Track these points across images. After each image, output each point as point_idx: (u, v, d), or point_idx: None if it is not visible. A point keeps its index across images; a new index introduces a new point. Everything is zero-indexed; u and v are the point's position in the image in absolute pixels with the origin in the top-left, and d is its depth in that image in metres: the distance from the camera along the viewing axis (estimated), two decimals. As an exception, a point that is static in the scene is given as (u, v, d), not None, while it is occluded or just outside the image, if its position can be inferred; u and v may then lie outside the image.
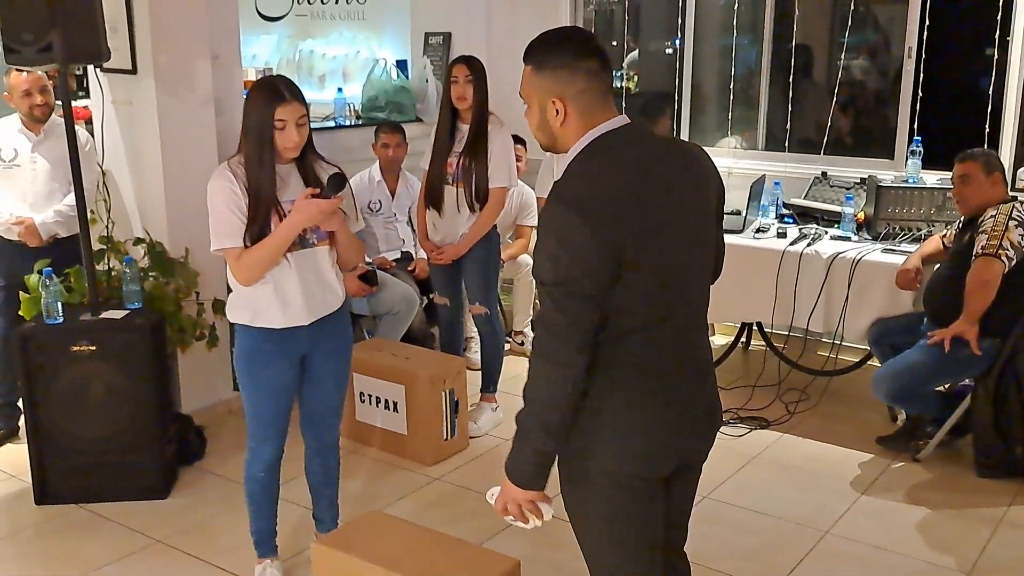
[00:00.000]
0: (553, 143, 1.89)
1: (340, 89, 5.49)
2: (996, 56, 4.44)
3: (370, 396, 3.87)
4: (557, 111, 1.83)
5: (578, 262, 1.71)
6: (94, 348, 3.36)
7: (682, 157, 1.91)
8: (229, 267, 2.64)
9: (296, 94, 2.54)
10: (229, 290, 2.74)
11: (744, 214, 4.45)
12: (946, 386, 3.81)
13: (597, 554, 1.98)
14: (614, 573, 1.99)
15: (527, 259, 5.02)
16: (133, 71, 3.84)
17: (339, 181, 2.58)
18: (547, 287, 1.74)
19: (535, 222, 5.08)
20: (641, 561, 1.96)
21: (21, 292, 3.59)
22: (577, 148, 1.83)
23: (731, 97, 5.28)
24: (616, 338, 1.78)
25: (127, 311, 3.49)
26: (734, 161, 5.17)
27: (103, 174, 3.95)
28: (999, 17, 4.39)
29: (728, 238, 4.19)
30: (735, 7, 5.21)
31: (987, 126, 4.47)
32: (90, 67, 3.95)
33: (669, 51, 5.66)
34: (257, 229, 2.56)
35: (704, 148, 2.02)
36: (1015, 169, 4.33)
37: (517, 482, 1.84)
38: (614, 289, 1.74)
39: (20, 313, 3.57)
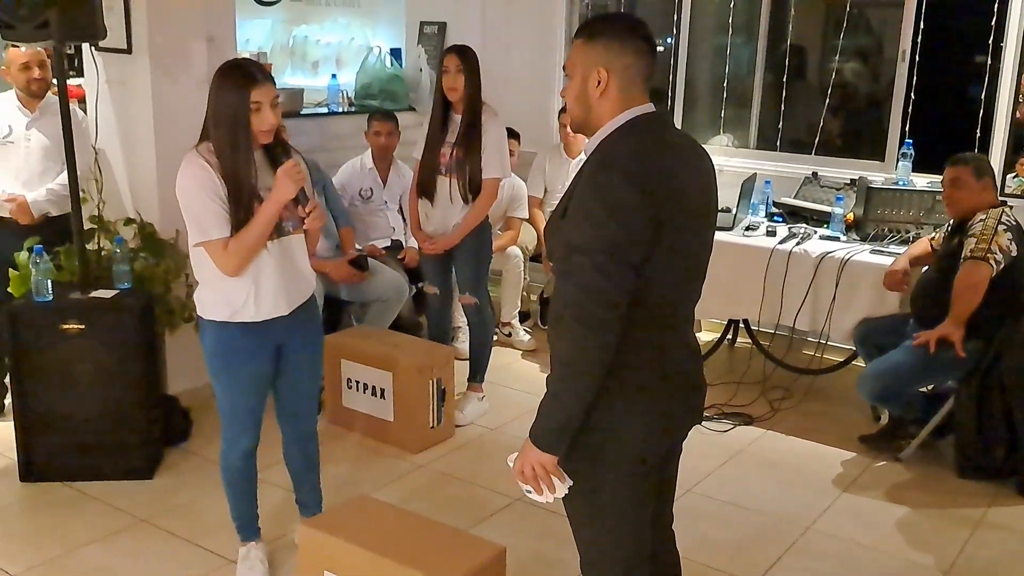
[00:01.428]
0: (587, 117, 1.92)
1: (334, 76, 5.49)
2: (988, 63, 4.48)
3: (357, 382, 3.87)
4: (599, 81, 1.87)
5: (626, 229, 1.75)
6: (83, 327, 3.34)
7: (700, 153, 2.00)
8: (214, 260, 2.53)
9: (268, 75, 2.51)
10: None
11: (734, 212, 4.48)
12: (929, 387, 3.85)
13: (603, 534, 1.99)
14: (615, 552, 2.00)
15: (516, 251, 5.03)
16: (128, 51, 3.83)
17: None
18: (589, 255, 1.76)
19: (525, 214, 5.10)
20: (643, 539, 2.00)
21: (11, 269, 3.57)
22: (614, 125, 1.88)
23: (724, 95, 5.30)
24: (639, 318, 1.82)
25: (116, 291, 3.49)
26: (726, 159, 5.19)
27: (96, 153, 3.93)
28: (992, 23, 4.43)
29: (718, 235, 4.21)
30: (730, 6, 5.24)
31: (978, 131, 4.52)
32: (85, 46, 3.94)
33: (662, 48, 5.67)
34: (243, 217, 2.48)
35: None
36: (1004, 174, 4.38)
37: (540, 445, 1.85)
38: (646, 266, 1.79)
39: (9, 290, 3.56)
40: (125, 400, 3.42)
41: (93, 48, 3.79)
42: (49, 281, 3.38)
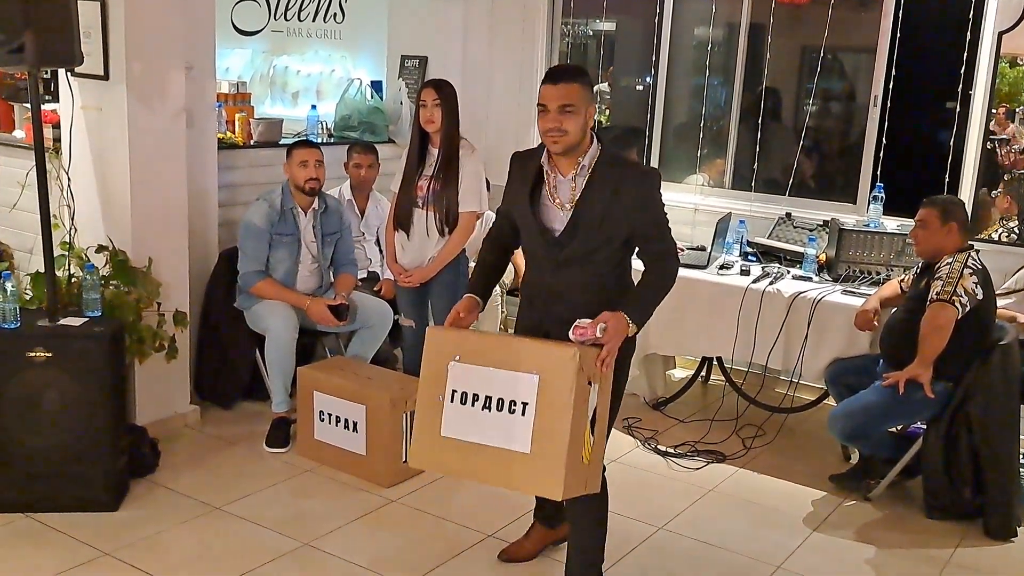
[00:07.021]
0: (580, 142, 2.56)
1: (314, 107, 5.50)
2: (958, 109, 4.58)
3: (329, 415, 3.83)
4: (592, 115, 2.56)
5: None
6: (50, 355, 3.29)
7: None
8: None
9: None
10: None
11: (709, 250, 4.52)
12: (899, 427, 3.88)
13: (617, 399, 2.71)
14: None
15: (493, 284, 5.02)
16: (105, 77, 3.81)
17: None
18: (666, 226, 2.65)
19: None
20: None
21: (-23, 295, 3.52)
22: (597, 144, 2.62)
23: (700, 135, 5.37)
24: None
25: (86, 319, 3.44)
26: (701, 198, 5.24)
27: (68, 180, 3.90)
28: (962, 71, 4.53)
29: (692, 273, 4.37)
30: (708, 48, 5.32)
31: (947, 176, 4.60)
32: (61, 71, 3.92)
33: (640, 88, 5.75)
34: None
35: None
36: (973, 218, 4.44)
37: (641, 324, 2.56)
38: None
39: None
40: (90, 430, 3.35)
41: (69, 74, 3.77)
42: (17, 307, 3.33)
